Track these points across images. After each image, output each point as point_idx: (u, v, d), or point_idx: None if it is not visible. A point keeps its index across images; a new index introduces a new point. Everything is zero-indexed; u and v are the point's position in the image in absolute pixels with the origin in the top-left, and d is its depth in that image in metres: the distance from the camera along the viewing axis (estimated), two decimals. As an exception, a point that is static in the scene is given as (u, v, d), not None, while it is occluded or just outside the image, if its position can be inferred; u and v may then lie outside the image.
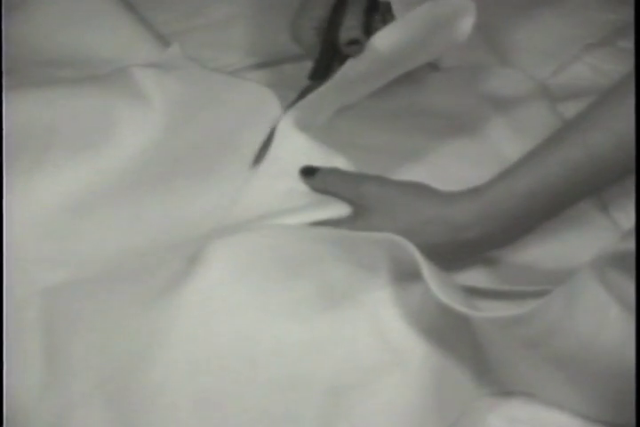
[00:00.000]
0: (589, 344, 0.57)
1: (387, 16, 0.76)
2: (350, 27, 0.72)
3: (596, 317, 0.56)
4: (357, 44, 0.70)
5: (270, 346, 0.61)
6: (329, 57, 0.74)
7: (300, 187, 0.68)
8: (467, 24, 0.69)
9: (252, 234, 0.63)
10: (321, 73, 0.74)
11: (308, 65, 0.76)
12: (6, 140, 0.66)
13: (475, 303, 0.63)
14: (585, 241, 0.69)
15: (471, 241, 0.64)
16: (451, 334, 0.61)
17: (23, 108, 0.68)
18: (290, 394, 0.60)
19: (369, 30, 0.74)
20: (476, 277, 0.67)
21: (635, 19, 0.65)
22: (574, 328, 0.57)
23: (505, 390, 0.63)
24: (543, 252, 0.69)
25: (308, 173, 0.68)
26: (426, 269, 0.59)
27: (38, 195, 0.65)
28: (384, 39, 0.69)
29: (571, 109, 0.82)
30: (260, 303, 0.61)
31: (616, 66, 0.85)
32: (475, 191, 0.64)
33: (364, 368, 0.61)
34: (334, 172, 0.68)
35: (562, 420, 0.62)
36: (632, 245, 0.55)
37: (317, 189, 0.68)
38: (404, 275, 0.62)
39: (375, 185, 0.66)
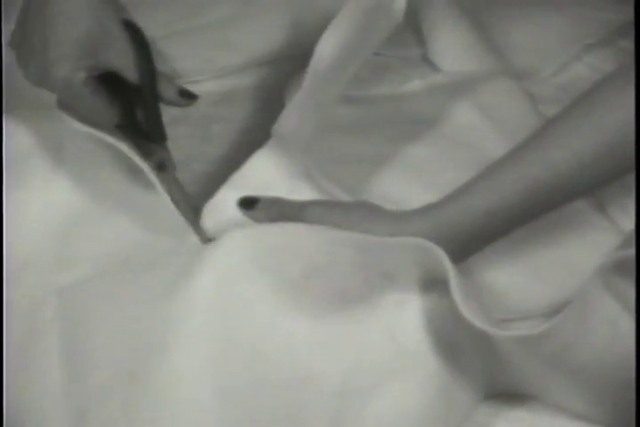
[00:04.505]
0: (602, 355, 0.57)
1: None
2: (166, 77, 0.68)
3: (608, 328, 0.56)
4: (192, 95, 0.68)
5: (281, 343, 0.60)
6: (157, 109, 0.68)
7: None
8: (400, 3, 0.67)
9: (271, 229, 0.63)
10: (160, 130, 0.68)
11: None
12: (19, 153, 0.70)
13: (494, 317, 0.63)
14: (585, 244, 0.69)
15: None
16: (462, 342, 0.61)
17: (33, 125, 0.71)
18: (300, 393, 0.59)
19: None
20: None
21: (635, 19, 0.65)
22: (588, 341, 0.57)
23: (509, 393, 0.64)
24: (544, 258, 0.68)
25: (248, 204, 0.65)
26: (453, 278, 0.57)
27: (54, 200, 0.68)
28: (329, 39, 0.65)
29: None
30: (274, 299, 0.61)
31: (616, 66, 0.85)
32: (427, 210, 0.62)
33: (374, 372, 0.60)
34: (277, 201, 0.64)
35: (565, 424, 0.62)
36: (633, 250, 0.55)
37: (260, 221, 0.64)
38: (423, 281, 0.61)
39: (319, 209, 0.63)
